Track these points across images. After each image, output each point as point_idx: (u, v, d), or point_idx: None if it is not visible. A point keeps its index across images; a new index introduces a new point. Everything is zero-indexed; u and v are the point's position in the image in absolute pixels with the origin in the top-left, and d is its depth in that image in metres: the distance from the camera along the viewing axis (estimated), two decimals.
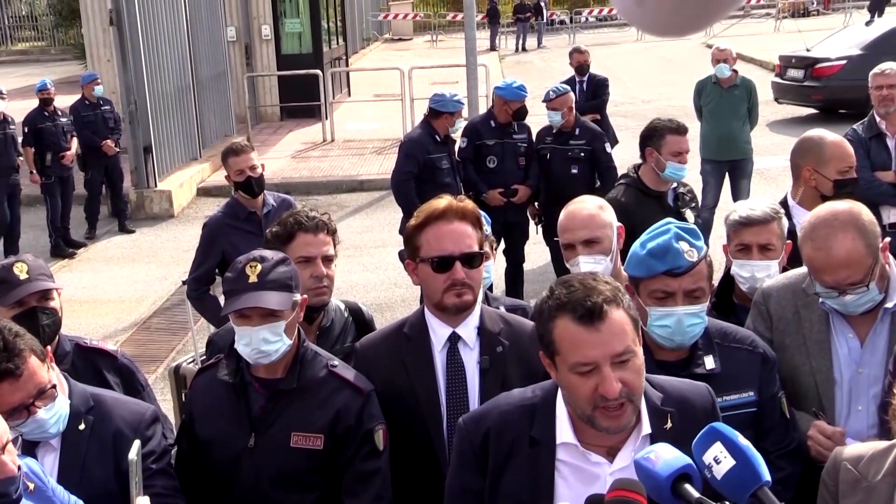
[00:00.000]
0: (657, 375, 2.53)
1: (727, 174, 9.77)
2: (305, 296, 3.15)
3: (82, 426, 2.92)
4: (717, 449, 1.94)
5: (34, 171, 11.41)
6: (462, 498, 2.53)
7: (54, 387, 2.81)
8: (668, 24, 1.14)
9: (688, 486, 1.87)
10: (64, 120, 11.72)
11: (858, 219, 2.98)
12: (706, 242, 3.06)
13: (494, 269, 3.86)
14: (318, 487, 3.00)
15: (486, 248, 3.72)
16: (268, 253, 3.07)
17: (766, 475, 1.92)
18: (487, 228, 3.81)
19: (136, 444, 2.52)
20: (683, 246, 2.92)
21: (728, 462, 1.92)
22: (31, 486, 2.53)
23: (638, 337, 2.30)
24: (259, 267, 2.96)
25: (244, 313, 2.93)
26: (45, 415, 2.76)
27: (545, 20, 35.44)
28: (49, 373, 2.82)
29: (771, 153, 13.50)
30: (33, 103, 12.03)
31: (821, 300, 3.09)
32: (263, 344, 2.93)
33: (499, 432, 2.46)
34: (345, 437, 2.98)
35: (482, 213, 3.75)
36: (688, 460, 1.91)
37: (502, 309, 3.56)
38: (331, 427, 2.97)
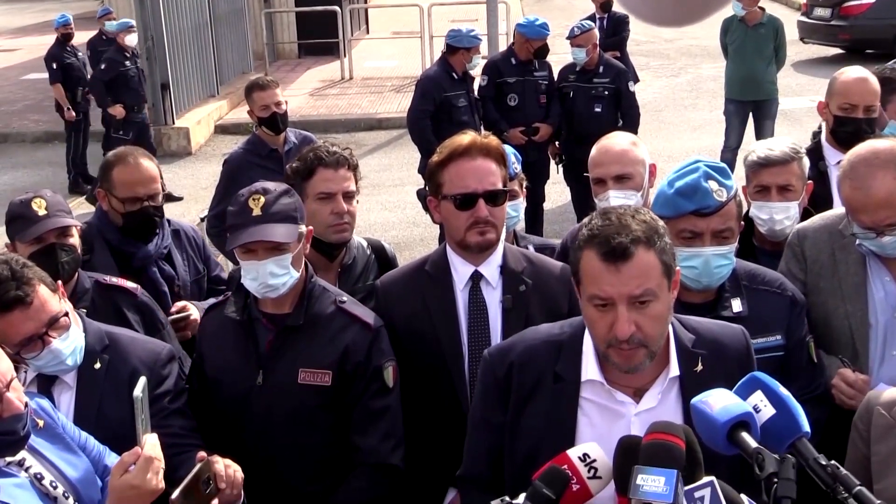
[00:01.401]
0: (691, 317, 2.49)
1: (751, 115, 9.63)
2: (311, 227, 3.10)
3: (98, 365, 2.89)
4: (758, 397, 1.91)
5: (70, 108, 11.33)
6: (484, 429, 2.51)
7: (67, 315, 2.77)
8: (669, 15, 1.12)
9: (745, 435, 1.83)
10: (81, 55, 11.63)
11: None
12: (733, 181, 2.98)
13: (522, 206, 3.81)
14: (327, 425, 2.98)
15: (516, 187, 3.67)
16: (270, 185, 3.02)
17: (806, 426, 1.89)
18: (517, 166, 3.75)
19: (142, 380, 2.49)
20: (712, 185, 2.86)
21: (768, 411, 1.89)
22: (41, 422, 2.51)
23: (668, 282, 2.25)
24: (262, 199, 2.91)
25: (249, 247, 2.89)
26: (60, 345, 2.73)
27: None
28: (61, 303, 2.78)
29: (796, 94, 13.31)
30: (50, 39, 11.93)
31: (857, 242, 3.02)
32: (270, 277, 2.89)
33: (523, 366, 2.43)
34: (353, 374, 2.96)
35: (513, 150, 3.70)
36: (747, 408, 1.86)
37: (531, 248, 3.52)
38: (339, 363, 2.95)
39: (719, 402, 1.87)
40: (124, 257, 3.85)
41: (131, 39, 11.17)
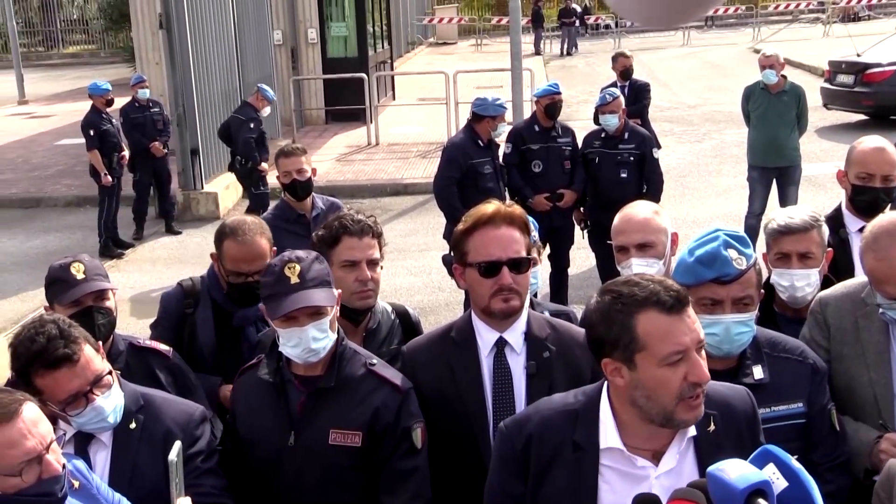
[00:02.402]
0: None
1: (775, 181, 9.67)
2: (339, 291, 3.18)
3: (133, 425, 2.95)
4: (770, 470, 1.93)
5: (107, 173, 11.61)
6: (503, 501, 2.53)
7: (111, 373, 2.85)
8: (660, 14, 1.15)
9: (762, 501, 1.85)
10: (115, 121, 11.91)
11: None
12: (753, 250, 3.03)
13: (539, 273, 3.87)
14: (358, 486, 3.02)
15: (534, 254, 3.73)
16: (300, 253, 3.08)
17: (819, 500, 1.90)
18: (535, 234, 3.81)
19: (177, 445, 2.55)
20: (732, 253, 2.91)
21: (781, 483, 1.91)
22: (77, 483, 2.56)
23: None
24: (298, 267, 2.98)
25: (292, 315, 2.95)
26: (102, 402, 2.80)
27: (578, 27, 35.31)
28: (104, 362, 2.87)
29: (819, 160, 13.35)
30: (85, 106, 12.21)
31: (881, 311, 3.05)
32: (313, 342, 2.96)
33: (541, 437, 2.46)
34: (383, 435, 3.00)
35: (530, 218, 3.77)
36: (765, 476, 1.88)
37: (546, 314, 3.56)
38: (369, 425, 2.99)
39: (736, 470, 1.89)
40: (225, 316, 4.06)
41: (143, 93, 12.21)
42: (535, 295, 3.90)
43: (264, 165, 11.33)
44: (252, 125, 11.41)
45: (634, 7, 1.19)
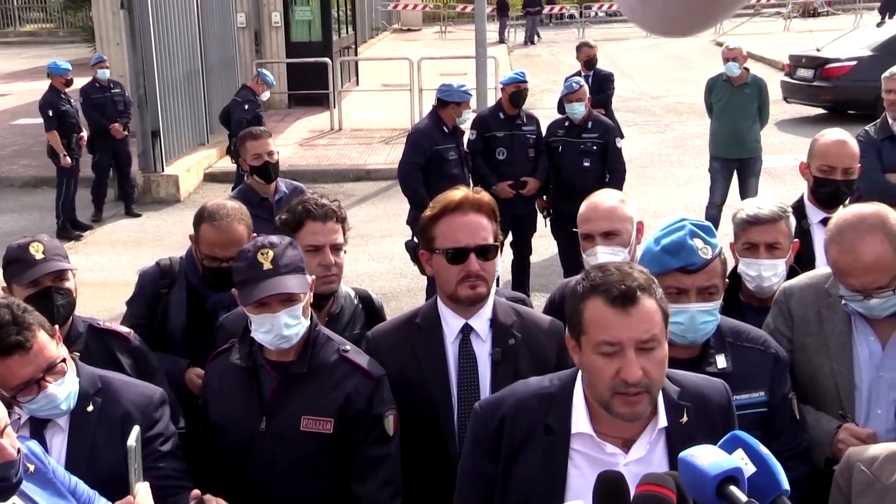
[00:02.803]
0: (674, 370, 2.54)
1: (735, 172, 9.76)
2: (313, 276, 3.16)
3: (90, 408, 2.91)
4: (739, 455, 1.93)
5: (65, 154, 11.43)
6: (474, 482, 2.54)
7: (64, 361, 2.80)
8: (674, 23, 1.12)
9: (734, 489, 1.85)
10: (74, 102, 11.73)
11: (886, 222, 2.96)
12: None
13: (501, 262, 3.88)
14: (328, 472, 3.01)
15: None
16: (273, 238, 3.07)
17: (786, 484, 1.91)
18: None
19: (136, 430, 2.52)
20: (698, 243, 2.92)
21: (749, 469, 1.91)
22: (32, 467, 2.52)
23: (665, 331, 2.31)
24: (271, 253, 2.96)
25: (264, 301, 2.92)
26: (55, 390, 2.75)
27: (542, 17, 35.37)
28: (59, 348, 2.81)
29: (780, 152, 13.48)
30: (42, 85, 12.01)
31: (844, 302, 3.08)
32: (285, 329, 2.94)
33: (514, 419, 2.47)
34: (355, 422, 2.99)
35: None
36: (737, 462, 1.89)
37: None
38: (341, 411, 2.98)
39: (708, 456, 1.90)
40: (200, 298, 4.03)
41: (103, 74, 12.08)
42: (497, 282, 3.91)
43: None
44: (247, 106, 11.44)
45: (653, 17, 1.16)
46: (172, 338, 4.05)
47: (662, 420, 2.37)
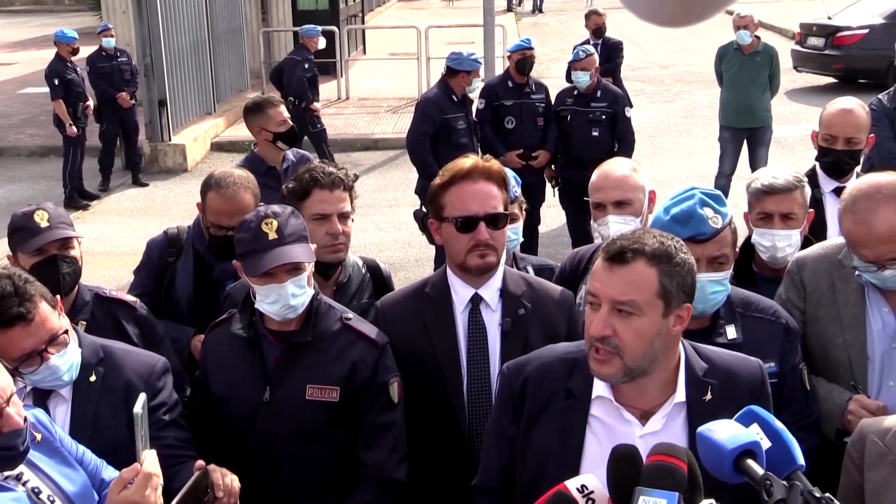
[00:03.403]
0: (708, 346, 2.52)
1: (745, 142, 9.69)
2: (314, 245, 3.14)
3: (93, 378, 2.90)
4: (754, 430, 1.92)
5: (71, 124, 11.40)
6: (498, 442, 2.55)
7: (66, 332, 2.78)
8: (673, 14, 1.11)
9: (751, 462, 1.83)
10: (80, 70, 11.68)
11: None
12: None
13: (520, 227, 3.84)
14: (334, 440, 3.00)
15: (516, 210, 3.71)
16: (275, 207, 3.04)
17: (801, 459, 1.89)
18: (517, 189, 3.78)
19: (142, 397, 2.50)
20: (707, 212, 2.89)
21: (764, 444, 1.90)
22: (39, 436, 2.52)
23: (664, 307, 2.26)
24: (275, 223, 2.93)
25: (271, 271, 2.90)
26: (57, 361, 2.74)
27: None
28: (60, 319, 2.80)
29: (789, 122, 13.39)
30: (48, 53, 11.96)
31: (857, 273, 3.04)
32: (292, 299, 2.92)
33: (537, 382, 2.47)
34: (360, 390, 2.98)
35: (513, 174, 3.74)
36: (754, 436, 1.87)
37: (530, 269, 3.55)
38: (346, 379, 2.97)
39: (726, 430, 1.88)
40: (206, 267, 4.02)
41: (108, 42, 12.04)
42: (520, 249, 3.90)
43: (317, 104, 11.94)
44: (307, 65, 11.79)
45: (651, 7, 1.14)
46: (178, 306, 4.04)
47: (681, 395, 2.35)
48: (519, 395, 2.48)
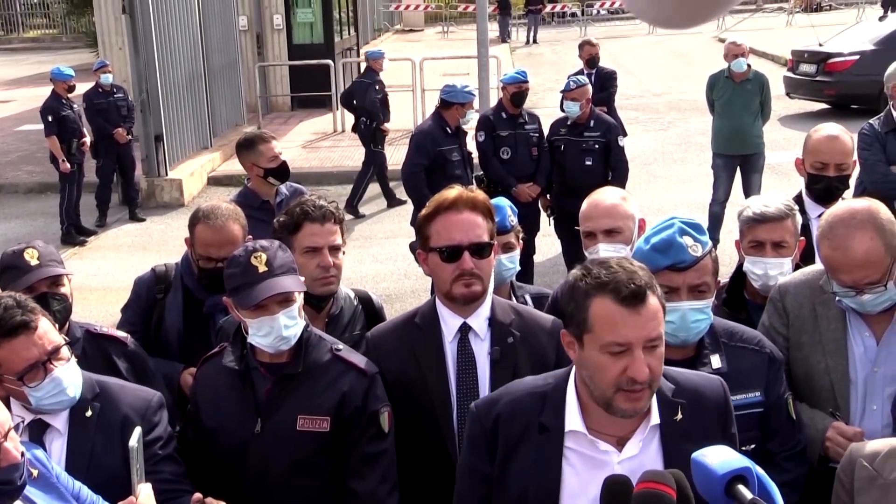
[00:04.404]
0: (670, 367, 2.53)
1: (738, 168, 9.73)
2: (303, 277, 3.16)
3: (89, 412, 2.92)
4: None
5: (65, 160, 11.45)
6: (471, 480, 2.55)
7: (69, 344, 2.82)
8: (676, 15, 1.12)
9: (741, 487, 1.85)
10: (76, 107, 11.76)
11: (877, 217, 2.95)
12: (717, 237, 3.03)
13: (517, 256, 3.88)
14: (326, 471, 3.01)
15: (512, 239, 3.76)
16: (263, 242, 3.07)
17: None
18: (513, 219, 3.83)
19: (137, 431, 2.52)
20: (687, 241, 2.90)
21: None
22: (35, 472, 2.53)
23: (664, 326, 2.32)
24: (264, 256, 2.97)
25: (262, 304, 2.92)
26: (61, 373, 2.77)
27: (542, 15, 35.31)
28: (60, 336, 2.84)
29: (782, 148, 13.45)
30: (46, 90, 12.03)
31: (837, 299, 3.06)
32: (284, 330, 2.95)
33: (509, 417, 2.47)
34: (350, 420, 2.99)
35: (509, 203, 3.78)
36: (747, 463, 1.89)
37: (527, 297, 3.59)
38: (337, 409, 2.99)
39: (718, 456, 1.91)
40: (196, 302, 4.04)
41: (106, 78, 12.13)
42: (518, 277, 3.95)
43: (387, 126, 12.60)
44: (378, 87, 12.47)
45: (651, 8, 1.16)
46: (167, 342, 4.06)
47: (655, 417, 2.37)
48: (491, 431, 2.49)
